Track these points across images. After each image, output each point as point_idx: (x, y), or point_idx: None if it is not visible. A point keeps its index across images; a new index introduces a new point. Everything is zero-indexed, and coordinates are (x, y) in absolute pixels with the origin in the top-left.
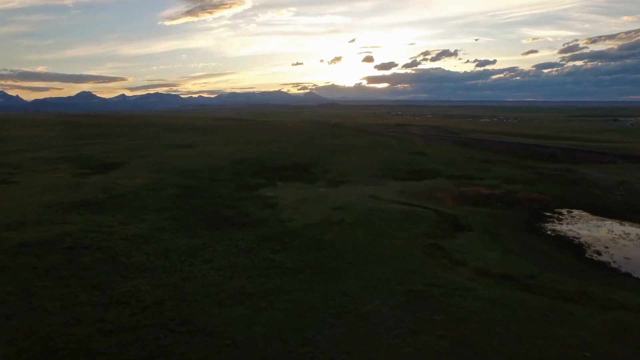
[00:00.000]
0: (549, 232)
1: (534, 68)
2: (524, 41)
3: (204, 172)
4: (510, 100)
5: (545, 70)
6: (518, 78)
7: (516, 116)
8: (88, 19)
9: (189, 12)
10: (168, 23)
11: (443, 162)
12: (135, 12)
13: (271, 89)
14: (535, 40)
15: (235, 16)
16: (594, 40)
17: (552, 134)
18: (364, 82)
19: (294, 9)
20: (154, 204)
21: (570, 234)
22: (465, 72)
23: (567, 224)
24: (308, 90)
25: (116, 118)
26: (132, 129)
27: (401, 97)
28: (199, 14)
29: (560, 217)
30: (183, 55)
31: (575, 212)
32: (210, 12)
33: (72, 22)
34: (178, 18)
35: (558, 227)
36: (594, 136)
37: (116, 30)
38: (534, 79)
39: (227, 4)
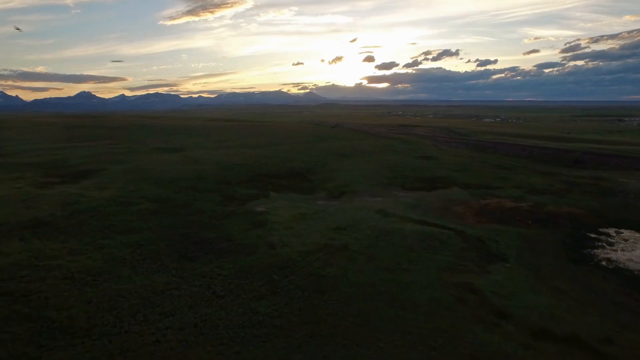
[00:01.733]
0: (603, 263)
1: (535, 68)
2: (526, 41)
3: (187, 181)
4: (510, 100)
5: (547, 70)
6: (519, 78)
7: (518, 116)
8: (88, 18)
9: (190, 12)
10: (169, 23)
11: (456, 168)
12: (136, 12)
13: (271, 89)
14: (537, 40)
15: (236, 15)
16: (595, 40)
17: (563, 135)
18: (365, 82)
19: (295, 8)
20: (120, 224)
21: (632, 265)
22: (466, 71)
23: (622, 250)
24: (308, 90)
25: (109, 119)
26: (119, 131)
27: (401, 97)
28: (200, 14)
29: (609, 239)
30: (184, 55)
31: (625, 232)
32: (211, 12)
33: (72, 22)
34: (179, 17)
35: (612, 255)
36: (609, 138)
37: (116, 30)
38: (535, 78)
39: (228, 3)
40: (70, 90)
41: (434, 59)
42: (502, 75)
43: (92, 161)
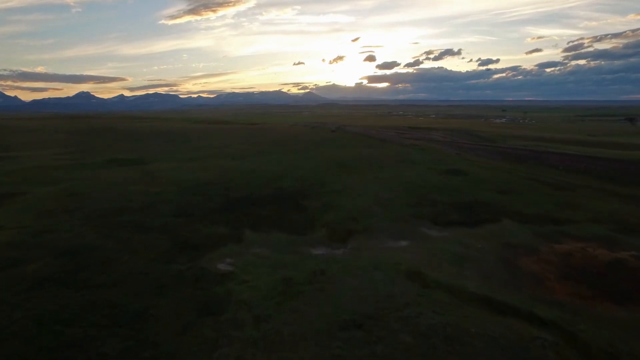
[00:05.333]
0: None
1: (536, 67)
2: (529, 40)
3: (131, 212)
4: (510, 99)
5: (548, 70)
6: (520, 77)
7: (523, 116)
8: (88, 18)
9: (192, 11)
10: (170, 22)
11: (498, 189)
12: (137, 11)
13: (271, 89)
14: (540, 39)
15: (238, 14)
16: (599, 39)
17: (593, 139)
18: (365, 82)
19: (298, 7)
20: None
21: None
22: (467, 71)
23: None
24: (308, 90)
25: (86, 120)
26: (81, 136)
27: (401, 97)
28: (202, 13)
29: None
30: (184, 55)
31: None
32: (213, 10)
33: (72, 21)
34: (180, 17)
35: None
36: None
37: (116, 30)
38: (535, 78)
39: (231, 2)
40: (70, 90)
41: (436, 59)
42: (503, 74)
43: (15, 179)
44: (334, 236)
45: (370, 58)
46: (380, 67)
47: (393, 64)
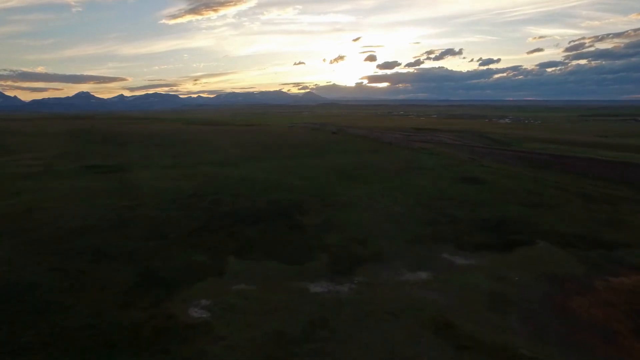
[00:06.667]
0: None
1: (537, 67)
2: (530, 39)
3: (93, 233)
4: (510, 99)
5: (549, 69)
6: (520, 77)
7: (521, 116)
8: (88, 18)
9: (193, 10)
10: (171, 22)
11: (525, 201)
12: (137, 11)
13: (271, 89)
14: (541, 39)
15: (239, 14)
16: (600, 39)
17: (597, 139)
18: (365, 82)
19: (299, 6)
20: None
21: None
22: (468, 71)
23: None
24: (308, 90)
25: (80, 119)
26: (63, 138)
27: (400, 97)
28: (203, 12)
29: None
30: (185, 55)
31: None
32: (215, 10)
33: (72, 21)
34: (181, 16)
35: None
36: None
37: (116, 30)
38: (536, 77)
39: (232, 1)
40: (70, 90)
41: (436, 59)
42: (504, 74)
43: None
44: (337, 265)
45: (371, 58)
46: (381, 67)
47: (394, 64)
